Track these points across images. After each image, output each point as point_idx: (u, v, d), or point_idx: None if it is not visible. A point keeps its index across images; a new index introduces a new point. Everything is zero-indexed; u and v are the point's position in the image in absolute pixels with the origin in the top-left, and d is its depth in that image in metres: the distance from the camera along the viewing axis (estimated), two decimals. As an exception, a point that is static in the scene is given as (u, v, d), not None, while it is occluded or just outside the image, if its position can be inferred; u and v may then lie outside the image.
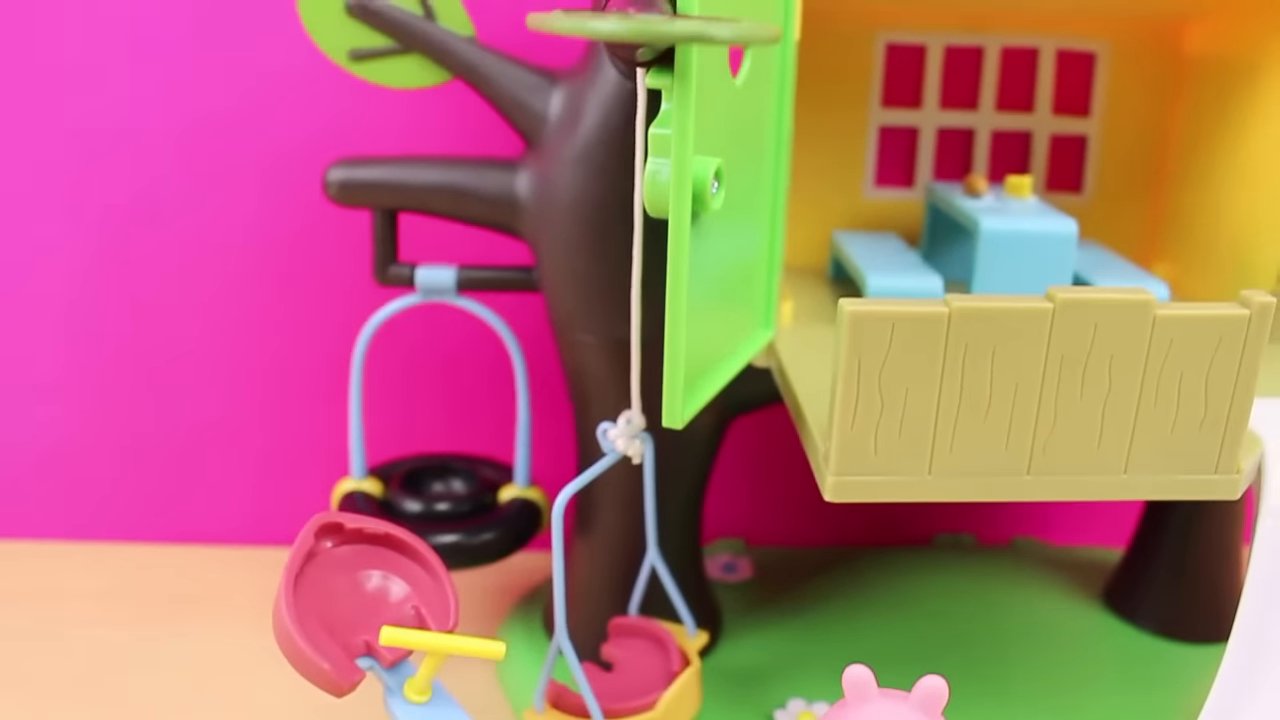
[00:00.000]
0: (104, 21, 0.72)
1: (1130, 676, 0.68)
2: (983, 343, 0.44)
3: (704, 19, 0.34)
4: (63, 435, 0.80)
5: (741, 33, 0.32)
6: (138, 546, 0.83)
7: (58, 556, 0.81)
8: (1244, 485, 0.49)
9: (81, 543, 0.83)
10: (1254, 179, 0.64)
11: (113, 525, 0.83)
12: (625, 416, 0.52)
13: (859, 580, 0.76)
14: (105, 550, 0.83)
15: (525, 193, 0.60)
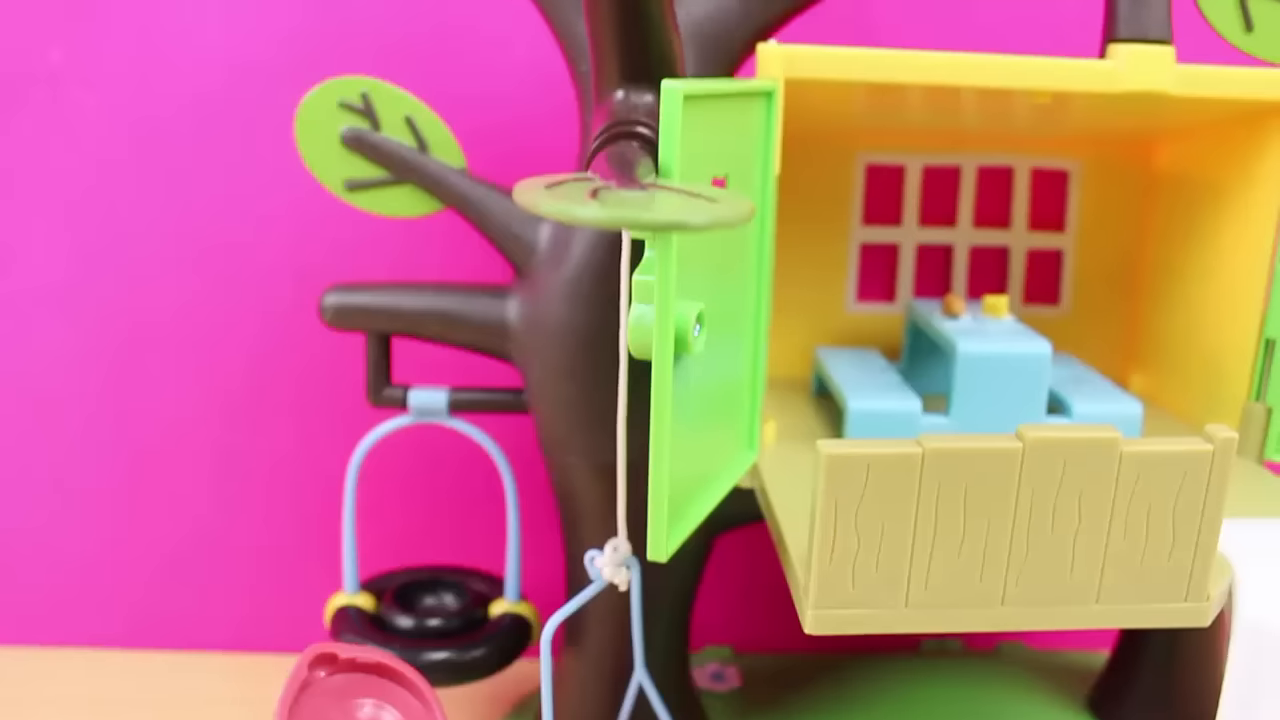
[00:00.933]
0: (112, 145, 0.76)
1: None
2: (955, 481, 0.46)
3: (684, 196, 0.37)
4: (61, 542, 0.82)
5: (718, 218, 0.35)
6: (132, 653, 0.85)
7: (50, 661, 0.83)
8: (1214, 611, 0.51)
9: (79, 649, 0.85)
10: (1222, 294, 0.66)
11: (109, 632, 0.85)
12: (612, 544, 0.54)
13: (847, 688, 0.78)
14: (102, 656, 0.84)
15: (515, 320, 0.62)
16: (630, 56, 0.51)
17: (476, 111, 0.75)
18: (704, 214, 0.34)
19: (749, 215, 0.36)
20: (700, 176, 0.48)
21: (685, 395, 0.49)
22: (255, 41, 0.75)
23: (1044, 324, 0.75)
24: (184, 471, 0.81)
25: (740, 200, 0.37)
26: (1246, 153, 0.64)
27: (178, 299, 0.78)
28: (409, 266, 0.75)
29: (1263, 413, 0.64)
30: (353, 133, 0.62)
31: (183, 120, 0.76)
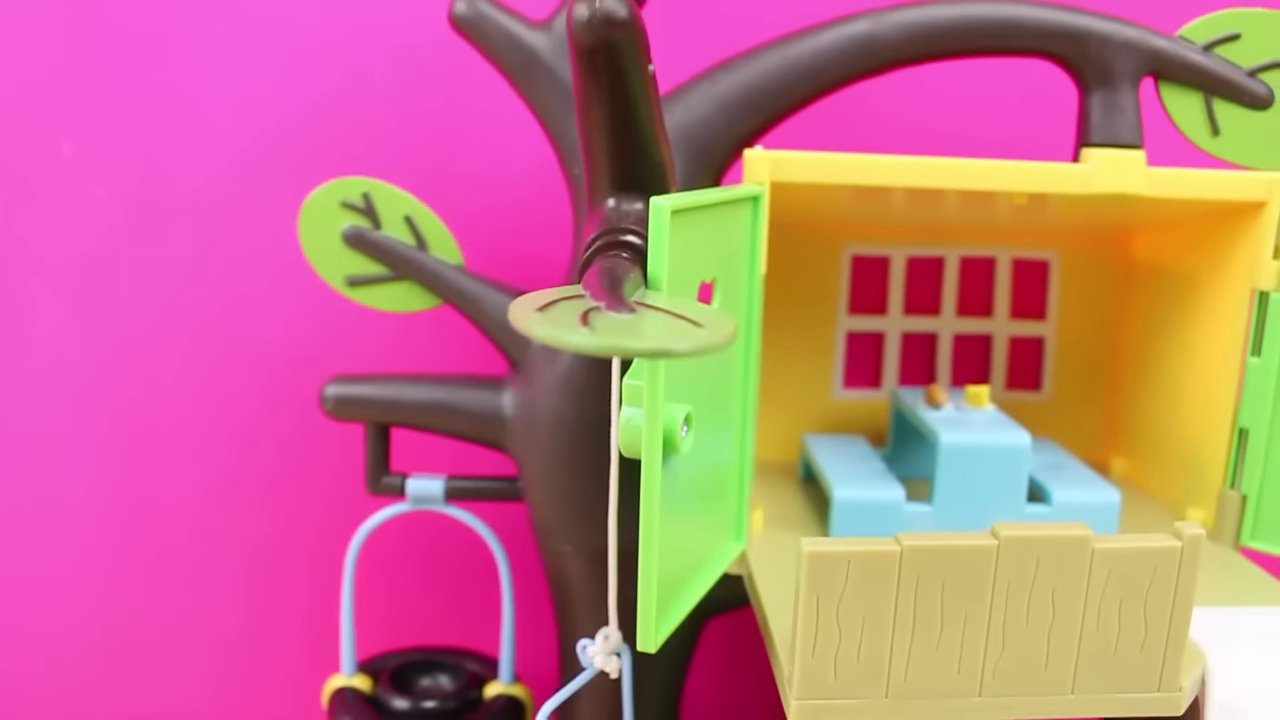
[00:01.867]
0: (120, 233, 0.79)
1: None
2: (933, 577, 0.48)
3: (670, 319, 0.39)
4: (56, 620, 0.84)
5: (701, 344, 0.37)
6: None
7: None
8: (1188, 700, 0.53)
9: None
10: (1197, 382, 0.69)
11: (104, 710, 0.87)
12: (603, 634, 0.56)
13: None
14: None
15: (510, 411, 0.65)
16: (622, 166, 0.54)
17: (477, 195, 0.78)
18: (688, 341, 0.37)
19: (732, 339, 0.39)
20: (689, 283, 0.51)
21: (674, 490, 0.51)
22: (259, 134, 0.78)
23: (1026, 409, 0.78)
24: (180, 554, 0.84)
25: (724, 323, 0.40)
26: (1218, 247, 0.67)
27: (179, 385, 0.81)
28: (404, 355, 0.78)
29: (1237, 500, 0.66)
30: (354, 230, 0.65)
31: (188, 211, 0.79)
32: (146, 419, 0.81)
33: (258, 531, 0.83)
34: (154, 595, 0.84)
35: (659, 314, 0.40)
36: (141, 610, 0.85)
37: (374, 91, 0.77)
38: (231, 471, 0.82)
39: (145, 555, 0.84)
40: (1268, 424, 0.65)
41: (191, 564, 0.84)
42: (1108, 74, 0.62)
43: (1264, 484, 0.66)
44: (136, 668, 0.86)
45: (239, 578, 0.84)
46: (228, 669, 0.86)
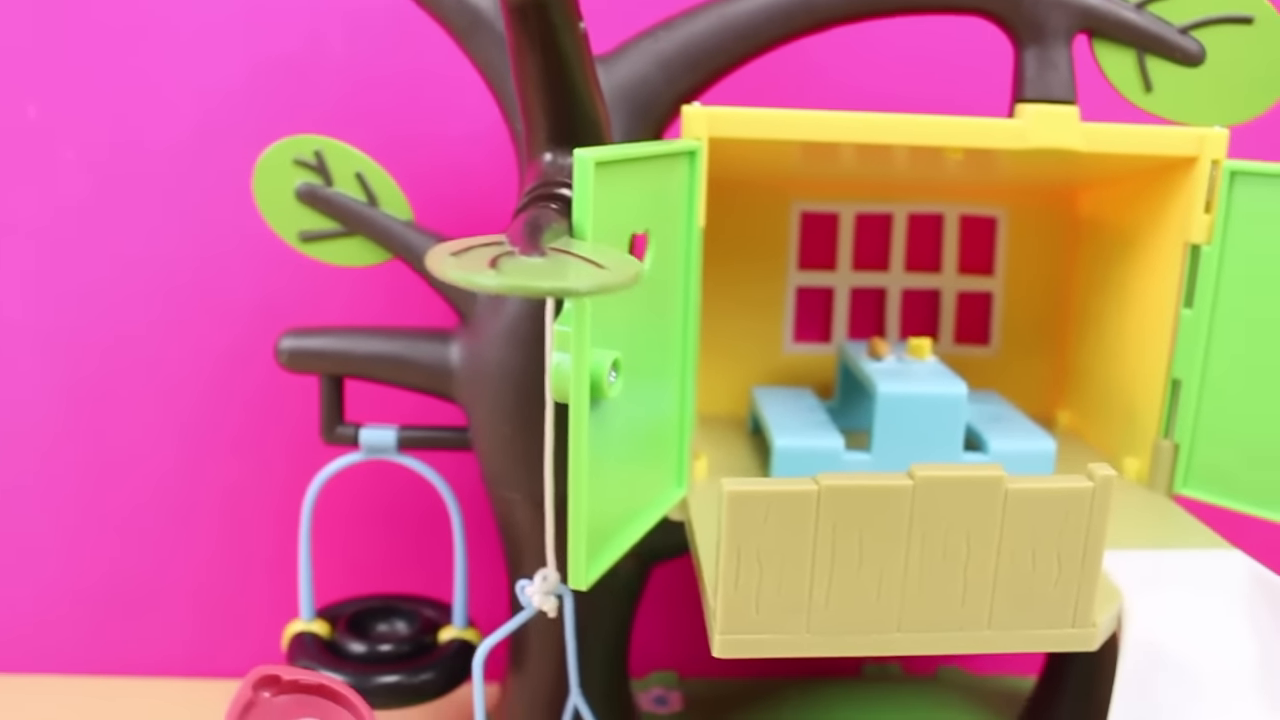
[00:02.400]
0: (85, 193, 0.81)
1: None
2: (850, 516, 0.50)
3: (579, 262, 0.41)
4: (13, 566, 0.87)
5: (602, 283, 0.39)
6: (83, 679, 0.89)
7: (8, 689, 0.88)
8: (1103, 636, 0.55)
9: (41, 675, 0.89)
10: (1136, 336, 0.70)
11: (61, 658, 0.90)
12: (541, 574, 0.58)
13: (786, 710, 0.82)
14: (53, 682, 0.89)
15: (458, 363, 0.67)
16: (556, 121, 0.55)
17: (433, 154, 0.80)
18: (589, 281, 0.39)
19: (634, 280, 0.40)
20: (618, 233, 0.53)
21: (606, 435, 0.53)
22: (222, 97, 0.80)
23: (974, 363, 0.80)
24: (141, 502, 0.86)
25: (628, 266, 0.42)
26: (1154, 202, 0.69)
27: (142, 337, 0.83)
28: (361, 309, 0.80)
29: (1170, 449, 0.68)
30: (306, 188, 0.67)
31: (153, 172, 0.81)
32: (116, 375, 0.84)
33: (225, 483, 0.85)
34: (125, 548, 0.87)
35: (569, 258, 0.42)
36: (113, 562, 0.87)
37: (333, 56, 0.79)
38: (199, 425, 0.84)
39: (116, 509, 0.86)
40: (1199, 375, 0.66)
41: (162, 516, 0.86)
42: (1041, 31, 0.64)
43: (1195, 433, 0.68)
44: (110, 618, 0.88)
45: (208, 529, 0.87)
46: (198, 617, 0.88)
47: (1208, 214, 0.64)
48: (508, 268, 0.40)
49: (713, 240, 0.76)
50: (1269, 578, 0.58)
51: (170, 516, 0.87)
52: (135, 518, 0.87)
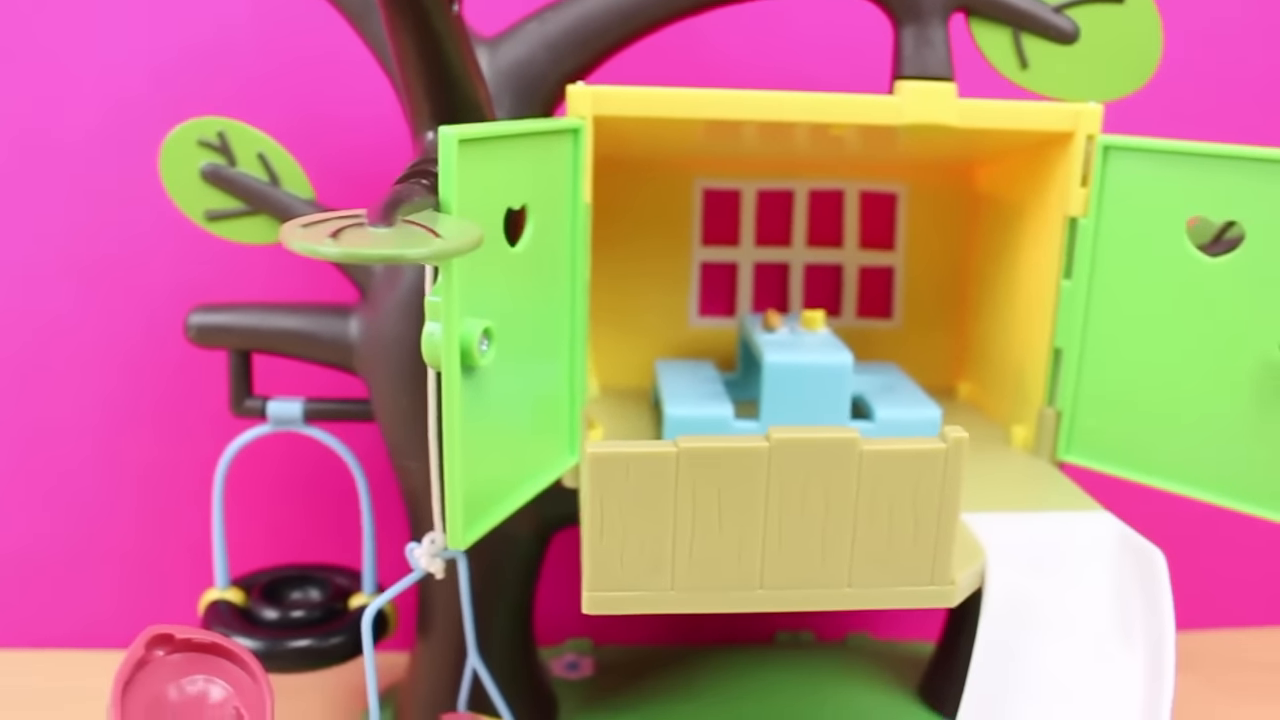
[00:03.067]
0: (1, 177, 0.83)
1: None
2: (709, 477, 0.53)
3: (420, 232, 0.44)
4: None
5: (431, 252, 0.42)
6: (21, 652, 0.92)
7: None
8: (963, 594, 0.58)
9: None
10: (1025, 307, 0.73)
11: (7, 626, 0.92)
12: (429, 538, 0.61)
13: (697, 675, 0.85)
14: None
15: (357, 336, 0.69)
16: (435, 101, 0.58)
17: (341, 136, 0.83)
18: (422, 249, 0.42)
19: (467, 248, 0.43)
20: (492, 209, 0.55)
21: (484, 403, 0.56)
22: (134, 83, 0.82)
23: (877, 336, 0.83)
24: (62, 476, 0.89)
25: (465, 235, 0.44)
26: (1038, 177, 0.71)
27: (63, 315, 0.86)
28: (276, 286, 0.83)
29: (1053, 417, 0.71)
30: (211, 168, 0.69)
31: (69, 157, 0.83)
32: (36, 353, 0.86)
33: (144, 457, 0.88)
34: (46, 522, 0.89)
35: (414, 229, 0.45)
36: (40, 533, 0.90)
37: (241, 40, 0.82)
38: (119, 400, 0.87)
39: (37, 484, 0.89)
40: (1079, 344, 0.69)
41: (86, 489, 0.89)
42: (918, 10, 0.66)
43: (1076, 401, 0.70)
44: (38, 587, 0.91)
45: (127, 502, 0.89)
46: (123, 587, 0.91)
47: (1084, 187, 0.67)
48: (349, 238, 0.43)
49: (618, 217, 0.79)
50: (1134, 538, 0.61)
51: (91, 491, 0.89)
52: (56, 492, 0.89)
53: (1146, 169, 0.66)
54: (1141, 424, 0.68)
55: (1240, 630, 1.00)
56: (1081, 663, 0.59)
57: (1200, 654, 0.96)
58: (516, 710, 0.71)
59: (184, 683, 0.58)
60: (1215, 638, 0.99)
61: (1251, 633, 1.00)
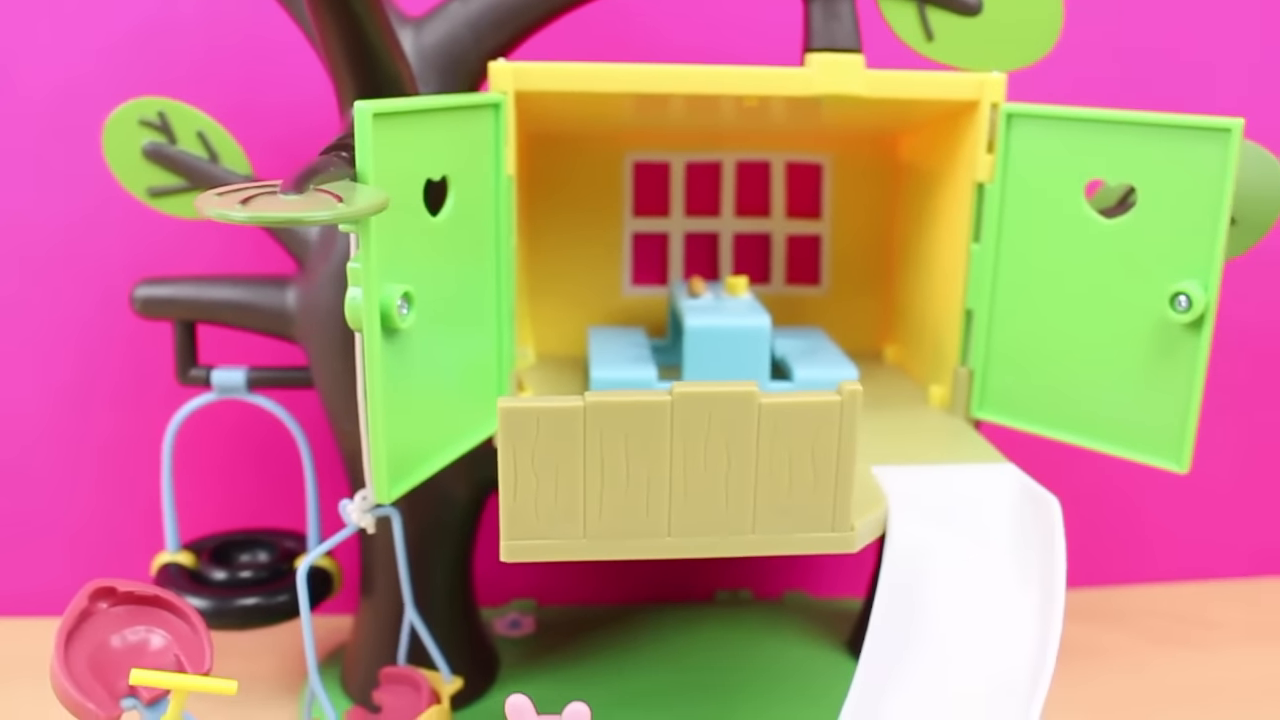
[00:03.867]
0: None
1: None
2: (615, 429, 0.56)
3: (326, 198, 0.48)
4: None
5: (333, 215, 0.45)
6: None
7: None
8: (863, 540, 0.62)
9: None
10: (941, 271, 0.77)
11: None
12: (361, 494, 0.64)
13: (637, 633, 0.89)
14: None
15: (294, 306, 0.73)
16: (358, 79, 0.62)
17: (275, 115, 0.87)
18: (326, 212, 0.45)
19: (372, 210, 0.47)
20: (410, 180, 0.59)
21: (407, 365, 0.60)
22: (78, 59, 0.85)
23: (806, 302, 0.87)
24: (20, 449, 0.93)
25: (369, 200, 0.48)
26: (950, 146, 0.75)
27: (16, 292, 0.89)
28: (224, 258, 0.87)
29: (966, 376, 0.74)
30: (152, 146, 0.73)
31: (15, 134, 0.86)
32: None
33: (99, 428, 0.92)
34: (6, 491, 0.93)
35: (322, 195, 0.49)
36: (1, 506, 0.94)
37: (183, 23, 0.85)
38: (77, 375, 0.90)
39: (2, 455, 0.93)
40: (988, 305, 0.73)
41: (41, 461, 0.93)
42: (825, -15, 0.70)
43: (987, 360, 0.74)
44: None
45: (85, 471, 0.93)
46: (77, 555, 0.95)
47: (990, 154, 0.71)
48: (258, 204, 0.46)
49: (552, 191, 0.83)
50: (1033, 487, 0.64)
51: (45, 462, 0.93)
52: (9, 464, 0.93)
53: (1047, 135, 0.69)
54: (1047, 380, 0.72)
55: (1166, 585, 1.05)
56: (979, 604, 0.62)
57: (1128, 608, 1.00)
58: (458, 665, 0.75)
59: (126, 632, 0.62)
60: (1141, 592, 1.04)
61: (1175, 587, 1.05)
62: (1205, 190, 0.64)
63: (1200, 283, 0.64)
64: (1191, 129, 0.64)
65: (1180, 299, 0.65)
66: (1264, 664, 0.91)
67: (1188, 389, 0.66)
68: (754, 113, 0.76)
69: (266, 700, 0.82)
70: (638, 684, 0.82)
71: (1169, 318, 0.65)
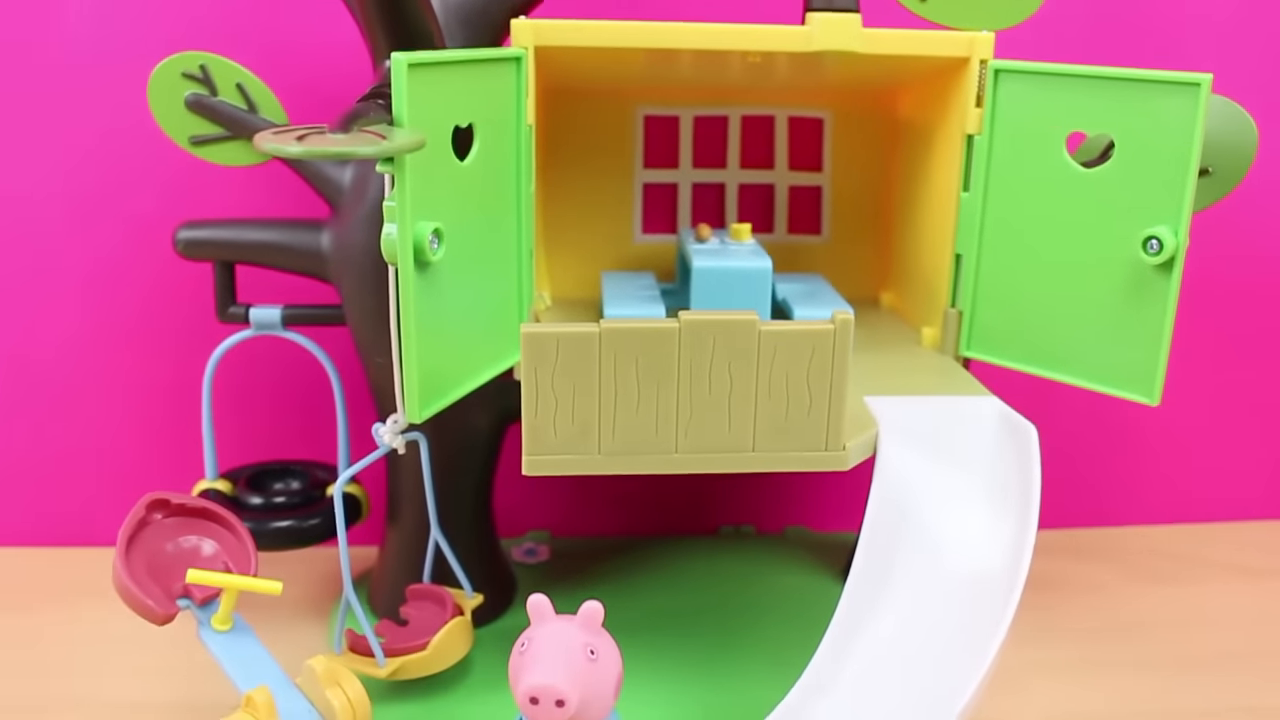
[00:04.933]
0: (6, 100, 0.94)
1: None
2: (628, 354, 0.63)
3: (370, 137, 0.54)
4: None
5: (383, 149, 0.52)
6: (17, 550, 1.04)
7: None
8: (854, 460, 0.68)
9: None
10: (935, 219, 0.83)
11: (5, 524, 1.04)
12: (393, 418, 0.71)
13: (645, 562, 0.96)
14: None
15: (328, 247, 0.80)
16: (391, 34, 0.68)
17: (307, 68, 0.93)
18: (371, 147, 0.52)
19: (412, 147, 0.54)
20: (440, 125, 0.65)
21: (437, 297, 0.66)
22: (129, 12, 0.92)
23: (807, 250, 0.93)
24: (59, 381, 1.00)
25: (407, 140, 0.55)
26: (943, 101, 0.81)
27: (61, 235, 0.96)
28: (255, 202, 0.94)
29: (956, 317, 0.81)
30: (194, 98, 0.79)
31: (61, 89, 0.94)
32: (37, 271, 0.97)
33: (135, 365, 0.99)
34: (51, 426, 1.01)
35: (365, 135, 0.55)
36: (40, 439, 1.01)
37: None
38: (113, 312, 0.98)
39: (44, 392, 1.00)
40: (976, 249, 0.79)
41: (79, 396, 1.00)
42: (826, -52, 0.76)
43: (975, 302, 0.81)
44: (37, 490, 1.03)
45: (132, 406, 1.00)
46: (118, 487, 1.02)
47: (979, 108, 0.77)
48: (311, 141, 0.53)
49: (568, 144, 0.90)
50: (1012, 416, 0.71)
51: (87, 398, 1.00)
52: (55, 397, 1.00)
53: (1032, 90, 0.76)
54: (1030, 320, 0.78)
55: (1154, 527, 1.12)
56: (962, 514, 0.69)
57: (1119, 546, 1.07)
58: (478, 586, 0.82)
59: (180, 540, 0.69)
60: (1133, 532, 1.11)
61: (1164, 529, 1.12)
62: (1176, 141, 0.70)
63: (1171, 228, 0.71)
64: (1164, 84, 0.71)
65: (1152, 242, 0.71)
66: (1244, 596, 0.98)
67: (1159, 326, 0.73)
68: (758, 69, 0.82)
69: (297, 619, 0.90)
70: (645, 606, 0.89)
71: (1141, 260, 0.72)
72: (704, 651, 0.84)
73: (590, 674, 0.62)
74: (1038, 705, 0.82)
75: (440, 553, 0.80)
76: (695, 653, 0.84)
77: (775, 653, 0.83)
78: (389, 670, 0.74)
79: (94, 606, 0.91)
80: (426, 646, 0.74)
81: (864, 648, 0.67)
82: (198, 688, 0.81)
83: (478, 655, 0.81)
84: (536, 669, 0.61)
